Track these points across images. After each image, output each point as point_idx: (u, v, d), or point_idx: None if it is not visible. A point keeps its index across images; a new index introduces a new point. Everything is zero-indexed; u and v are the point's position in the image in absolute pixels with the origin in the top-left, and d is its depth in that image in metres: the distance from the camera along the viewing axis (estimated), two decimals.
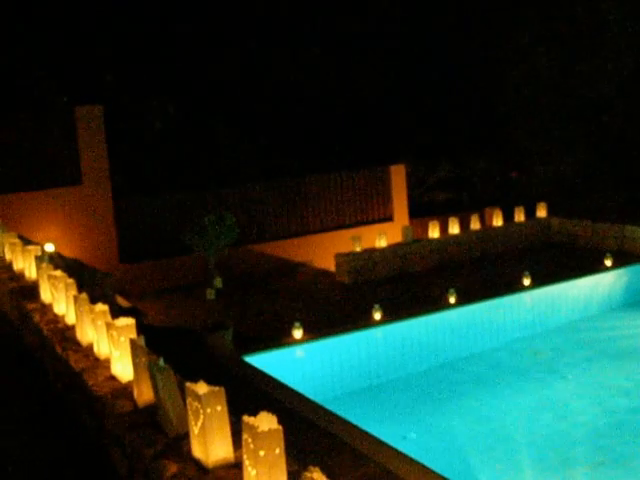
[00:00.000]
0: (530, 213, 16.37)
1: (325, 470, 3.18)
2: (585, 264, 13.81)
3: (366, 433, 7.23)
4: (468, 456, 8.32)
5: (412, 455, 6.74)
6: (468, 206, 18.70)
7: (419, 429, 9.22)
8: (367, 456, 6.59)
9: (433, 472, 6.35)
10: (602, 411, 9.55)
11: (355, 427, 7.38)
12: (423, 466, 6.48)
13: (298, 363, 10.17)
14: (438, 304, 11.56)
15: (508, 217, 15.98)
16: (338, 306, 12.18)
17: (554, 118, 19.51)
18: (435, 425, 9.30)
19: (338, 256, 13.88)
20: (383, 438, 7.14)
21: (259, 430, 3.47)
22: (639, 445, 8.53)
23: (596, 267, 13.55)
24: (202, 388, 4.09)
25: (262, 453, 3.48)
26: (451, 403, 9.92)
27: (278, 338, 10.31)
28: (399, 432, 8.94)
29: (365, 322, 10.83)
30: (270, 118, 19.70)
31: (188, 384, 4.19)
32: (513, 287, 12.39)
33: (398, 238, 14.93)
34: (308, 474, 3.19)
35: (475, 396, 10.12)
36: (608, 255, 13.68)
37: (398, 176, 17.10)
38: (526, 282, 12.41)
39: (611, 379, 10.58)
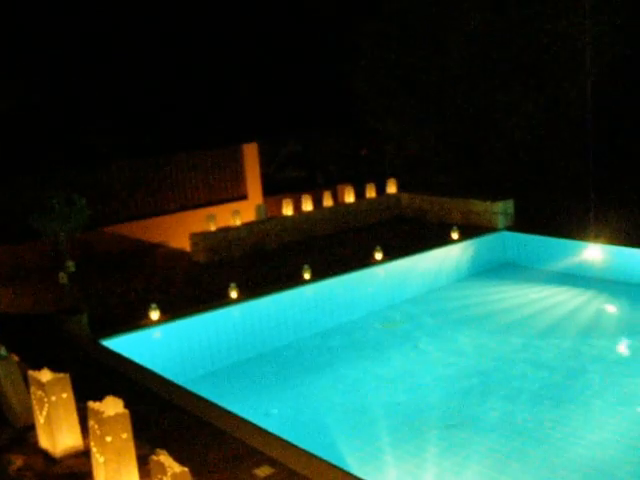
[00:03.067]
0: (381, 189, 16.77)
1: (186, 449, 3.13)
2: (433, 237, 14.31)
3: (227, 411, 7.23)
4: (328, 429, 8.46)
5: (274, 431, 6.80)
6: (321, 183, 18.91)
7: (280, 404, 9.29)
8: (229, 434, 6.60)
9: (295, 446, 6.44)
10: (452, 376, 9.94)
11: (216, 406, 7.36)
12: (285, 441, 6.55)
13: (157, 344, 10.01)
14: (294, 280, 11.65)
15: (360, 193, 16.30)
16: (195, 286, 12.06)
17: (402, 98, 19.99)
18: (296, 400, 9.40)
19: (193, 236, 13.72)
20: (245, 415, 7.17)
21: (104, 415, 3.37)
22: (486, 407, 8.94)
23: (444, 240, 14.06)
24: (45, 375, 3.92)
25: (109, 439, 3.38)
26: (310, 378, 10.05)
27: (135, 320, 10.12)
28: (261, 408, 8.99)
29: (222, 300, 10.78)
30: (122, 97, 19.12)
31: (31, 372, 4.01)
32: (366, 261, 12.66)
33: (252, 216, 14.92)
34: (155, 457, 3.14)
35: (333, 370, 10.30)
36: (455, 228, 14.23)
37: (251, 154, 17.08)
38: (378, 256, 12.71)
39: (460, 346, 11.04)
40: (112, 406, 3.46)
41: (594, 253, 13.86)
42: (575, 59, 16.41)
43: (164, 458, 3.12)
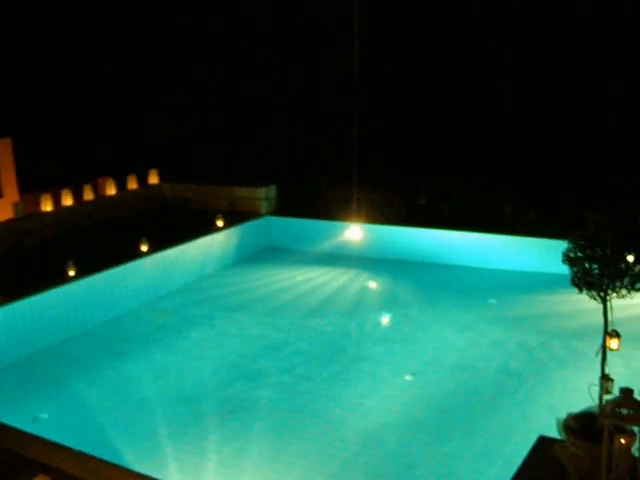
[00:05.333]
0: (143, 180, 16.62)
1: None
2: (198, 226, 14.45)
3: None
4: (105, 427, 8.32)
5: (45, 435, 6.67)
6: (80, 177, 18.37)
7: (50, 408, 9.00)
8: None
9: (69, 449, 6.38)
10: (226, 363, 10.12)
11: None
12: (58, 445, 6.46)
13: None
14: (58, 278, 11.29)
15: (122, 186, 16.06)
16: None
17: (165, 89, 19.87)
18: (67, 402, 9.12)
19: None
20: (13, 423, 6.94)
21: None
22: (263, 389, 9.25)
23: (209, 228, 14.27)
24: None
25: None
26: (80, 377, 9.77)
27: None
28: (29, 414, 8.67)
29: None
30: None
31: None
32: (132, 254, 12.54)
33: (10, 214, 14.22)
34: None
35: (105, 367, 10.11)
36: (219, 216, 14.48)
37: (4, 151, 16.19)
38: (144, 248, 12.66)
39: (232, 331, 11.29)
40: None
41: (355, 233, 14.76)
42: (343, 47, 17.26)
43: None
